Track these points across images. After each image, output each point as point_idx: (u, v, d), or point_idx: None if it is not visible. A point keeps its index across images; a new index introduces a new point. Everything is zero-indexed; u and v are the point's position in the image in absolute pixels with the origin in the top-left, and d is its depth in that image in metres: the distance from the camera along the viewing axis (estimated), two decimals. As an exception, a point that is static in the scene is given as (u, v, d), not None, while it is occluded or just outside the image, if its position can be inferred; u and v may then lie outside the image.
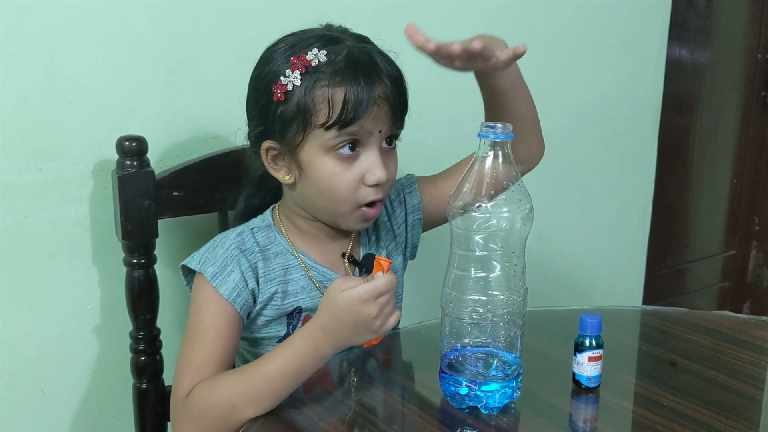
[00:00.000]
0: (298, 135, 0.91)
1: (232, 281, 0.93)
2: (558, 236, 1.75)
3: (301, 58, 0.89)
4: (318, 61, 0.89)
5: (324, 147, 0.91)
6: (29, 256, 1.08)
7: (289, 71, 0.90)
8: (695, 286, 2.42)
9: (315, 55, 0.89)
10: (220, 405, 0.85)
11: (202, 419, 0.87)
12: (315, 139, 0.91)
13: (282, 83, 0.90)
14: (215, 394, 0.86)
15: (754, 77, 2.34)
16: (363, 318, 0.84)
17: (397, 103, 0.92)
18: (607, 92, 1.77)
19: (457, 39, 1.48)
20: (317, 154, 0.91)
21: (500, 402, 0.83)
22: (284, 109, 0.90)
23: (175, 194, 1.09)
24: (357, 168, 0.92)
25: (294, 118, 0.90)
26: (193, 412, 0.87)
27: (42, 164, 1.07)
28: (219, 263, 0.93)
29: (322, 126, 0.89)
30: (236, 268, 0.94)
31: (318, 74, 0.89)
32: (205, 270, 0.93)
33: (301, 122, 0.90)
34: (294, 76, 0.89)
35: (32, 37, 1.03)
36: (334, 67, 0.89)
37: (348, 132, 0.89)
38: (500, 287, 0.82)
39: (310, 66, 0.89)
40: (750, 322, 1.13)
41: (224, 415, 0.85)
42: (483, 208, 0.80)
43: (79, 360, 1.15)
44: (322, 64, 0.89)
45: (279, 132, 0.92)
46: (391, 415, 0.87)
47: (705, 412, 0.85)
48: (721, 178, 2.40)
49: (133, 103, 1.12)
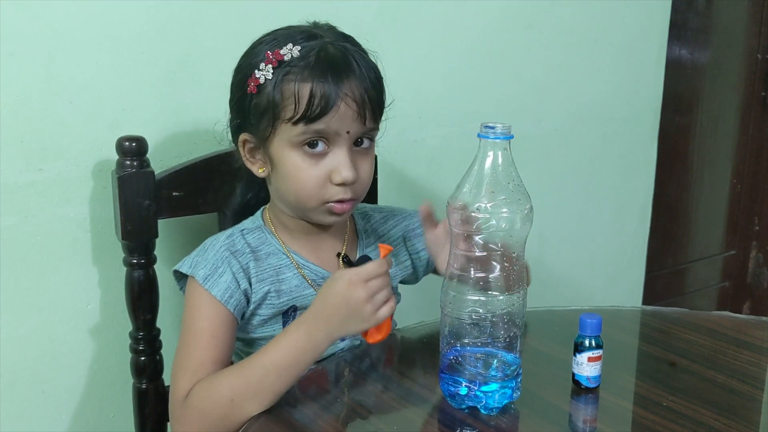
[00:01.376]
0: (268, 128, 0.92)
1: (223, 283, 0.93)
2: (558, 236, 1.75)
3: (275, 53, 0.90)
4: (291, 56, 0.90)
5: (291, 142, 0.91)
6: (29, 256, 1.08)
7: (263, 64, 0.91)
8: (695, 287, 2.42)
9: (289, 50, 0.90)
10: (219, 402, 0.85)
11: (202, 419, 0.86)
12: (283, 134, 0.91)
13: (255, 76, 0.91)
14: (213, 392, 0.86)
15: (754, 77, 2.34)
16: (353, 302, 0.84)
17: (368, 103, 0.91)
18: (607, 92, 1.77)
19: (457, 39, 1.48)
20: (285, 148, 0.92)
21: (500, 402, 0.83)
22: (257, 101, 0.92)
23: (175, 194, 1.09)
24: (324, 165, 0.92)
25: (265, 112, 0.91)
26: (193, 413, 0.87)
27: (42, 164, 1.07)
28: (210, 266, 0.94)
29: (289, 120, 0.90)
30: (227, 270, 0.94)
31: (288, 68, 0.90)
32: (196, 273, 0.93)
33: (270, 116, 0.91)
34: (267, 69, 0.90)
35: (32, 36, 1.03)
36: (305, 63, 0.89)
37: (314, 129, 0.90)
38: (500, 288, 0.82)
39: (282, 60, 0.90)
40: (750, 322, 1.13)
41: (224, 412, 0.85)
42: (483, 208, 0.80)
43: (79, 360, 1.15)
44: (294, 58, 0.90)
45: (253, 124, 0.93)
46: (390, 415, 0.87)
47: (704, 413, 0.85)
48: (721, 178, 2.40)
49: (133, 103, 1.12)
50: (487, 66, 1.53)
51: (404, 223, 1.10)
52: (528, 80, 1.62)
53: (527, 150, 1.63)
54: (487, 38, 1.52)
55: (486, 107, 1.54)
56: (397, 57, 1.39)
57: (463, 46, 1.49)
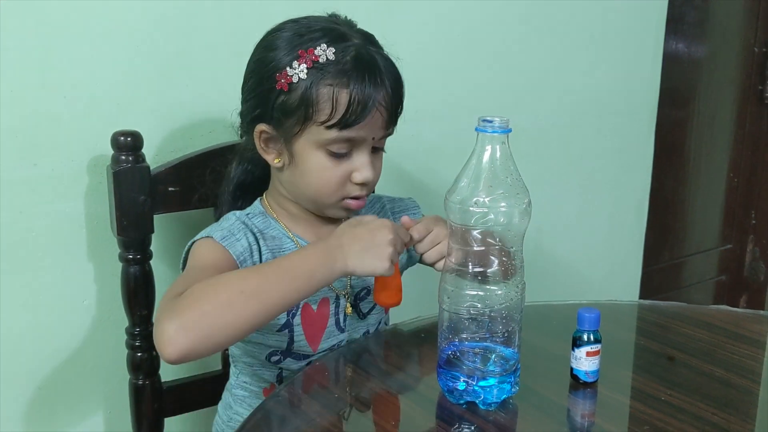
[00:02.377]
0: (296, 127, 0.92)
1: (240, 246, 0.93)
2: (555, 231, 1.75)
3: (309, 52, 0.90)
4: (326, 57, 0.89)
5: (319, 143, 0.92)
6: (24, 252, 1.07)
7: (296, 63, 0.90)
8: (692, 280, 2.43)
9: (323, 51, 0.90)
10: (227, 289, 0.80)
11: (200, 303, 0.78)
12: (312, 135, 0.91)
13: (287, 73, 0.90)
14: (222, 280, 0.82)
15: (751, 71, 2.34)
16: (379, 239, 0.86)
17: (395, 109, 0.94)
18: (604, 86, 1.76)
19: (454, 34, 1.48)
20: (311, 148, 0.92)
21: (498, 397, 0.83)
22: (286, 99, 0.91)
23: (170, 190, 1.08)
24: (346, 166, 0.94)
25: (295, 111, 0.91)
26: (191, 297, 0.79)
27: (36, 159, 1.06)
28: (227, 231, 0.94)
29: (322, 124, 0.90)
30: (244, 237, 0.95)
31: (325, 71, 0.89)
32: (212, 234, 0.93)
33: (302, 115, 0.91)
34: (300, 69, 0.90)
35: (27, 31, 1.02)
36: (342, 67, 0.89)
37: (346, 137, 0.91)
38: (498, 283, 0.82)
39: (317, 62, 0.89)
40: (747, 316, 1.13)
41: (228, 301, 0.79)
42: (481, 202, 0.79)
43: (75, 356, 1.14)
44: (330, 61, 0.89)
45: (277, 119, 0.93)
46: (388, 410, 0.87)
47: (702, 407, 0.85)
48: (718, 171, 2.40)
49: (128, 97, 1.11)
50: (485, 60, 1.53)
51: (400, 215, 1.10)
52: (525, 74, 1.61)
53: (525, 144, 1.63)
54: (484, 33, 1.52)
55: (483, 102, 1.54)
56: (393, 51, 1.38)
57: (460, 40, 1.48)
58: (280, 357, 1.00)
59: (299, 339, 0.99)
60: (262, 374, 1.02)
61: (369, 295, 1.03)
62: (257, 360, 1.01)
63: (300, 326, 0.98)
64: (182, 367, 1.23)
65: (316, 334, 1.00)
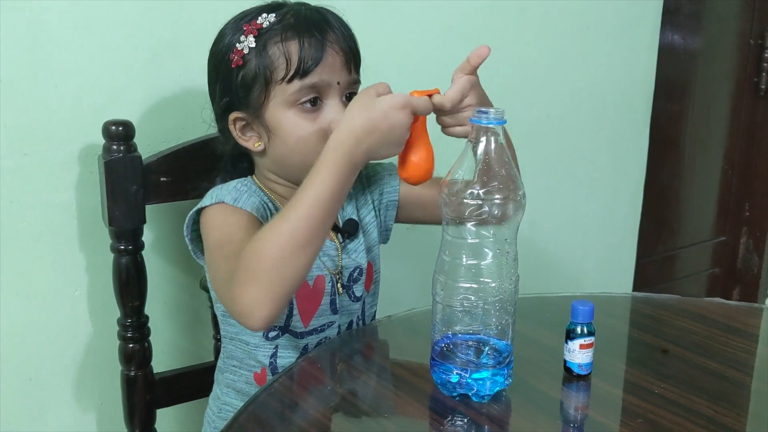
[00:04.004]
0: (261, 95, 0.93)
1: (253, 203, 0.94)
2: (550, 223, 1.75)
3: (252, 24, 0.93)
4: (268, 22, 0.93)
5: (287, 102, 0.93)
6: (14, 242, 1.06)
7: (243, 37, 0.93)
8: (685, 272, 2.43)
9: (265, 18, 0.93)
10: (269, 252, 0.80)
11: (253, 277, 0.81)
12: (278, 96, 0.93)
13: (238, 49, 0.93)
14: (260, 245, 0.81)
15: (747, 63, 2.34)
16: (397, 124, 0.83)
17: (350, 51, 0.95)
18: (600, 78, 1.76)
19: (448, 25, 1.47)
20: (282, 111, 0.93)
21: (491, 390, 0.83)
22: (244, 73, 0.93)
23: (162, 179, 1.08)
24: (322, 119, 0.94)
25: (255, 79, 0.93)
26: (244, 275, 0.81)
27: (27, 149, 1.05)
28: (236, 193, 0.94)
29: (282, 80, 0.92)
30: (253, 195, 0.95)
31: (270, 32, 0.92)
32: (224, 199, 0.93)
33: (262, 81, 0.93)
34: (248, 40, 0.93)
35: (16, 20, 1.01)
36: (284, 23, 0.92)
37: (309, 84, 0.92)
38: (492, 275, 0.82)
39: (261, 28, 0.93)
40: (741, 309, 1.13)
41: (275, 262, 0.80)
42: (475, 194, 0.79)
43: (66, 347, 1.14)
44: (272, 23, 0.93)
45: (243, 98, 0.94)
46: (381, 403, 0.87)
47: (696, 399, 0.85)
48: (713, 164, 2.40)
49: (120, 86, 1.10)
50: (479, 51, 1.52)
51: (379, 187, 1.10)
52: (520, 66, 1.60)
53: (519, 136, 1.62)
54: (479, 24, 1.51)
55: (478, 92, 1.53)
56: (387, 43, 1.38)
57: (455, 31, 1.48)
58: (278, 332, 0.99)
59: (296, 313, 0.98)
60: (255, 355, 1.01)
61: (362, 276, 1.03)
62: (252, 338, 1.00)
63: (295, 299, 0.98)
64: (174, 358, 1.23)
65: (310, 310, 0.99)
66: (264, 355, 1.01)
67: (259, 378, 1.02)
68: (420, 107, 0.85)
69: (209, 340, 1.22)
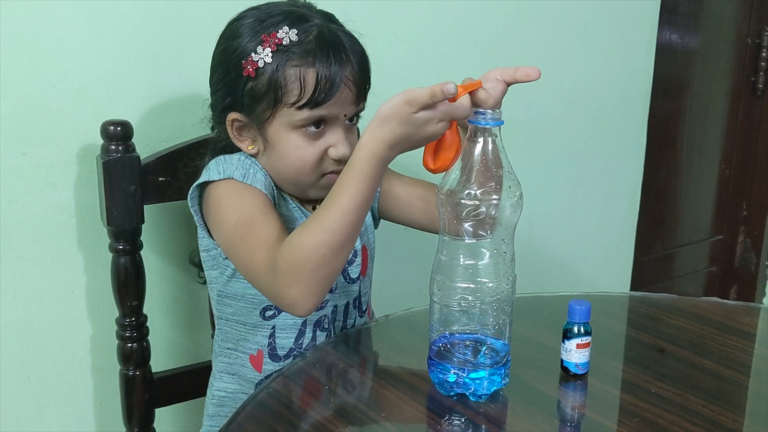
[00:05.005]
0: (267, 111, 0.93)
1: (260, 180, 0.94)
2: (547, 222, 1.75)
3: (272, 36, 0.91)
4: (289, 39, 0.91)
5: (292, 124, 0.93)
6: (13, 243, 1.06)
7: (260, 48, 0.91)
8: (683, 271, 2.43)
9: (286, 33, 0.91)
10: (310, 258, 0.83)
11: (297, 278, 0.84)
12: (284, 117, 0.93)
13: (253, 59, 0.92)
14: (301, 250, 0.84)
15: (744, 62, 2.34)
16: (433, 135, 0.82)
17: (363, 85, 0.95)
18: (598, 77, 1.76)
19: (447, 24, 1.47)
20: (285, 130, 0.94)
21: (488, 389, 0.83)
22: (254, 85, 0.92)
23: (161, 179, 1.08)
24: (322, 143, 0.95)
25: (264, 95, 0.92)
26: (288, 275, 0.85)
27: (25, 149, 1.05)
28: (242, 169, 0.95)
29: (292, 105, 0.91)
30: (259, 171, 0.96)
31: (289, 53, 0.91)
32: (232, 174, 0.93)
33: (271, 99, 0.92)
34: (265, 53, 0.91)
35: (15, 19, 1.01)
36: (306, 47, 0.91)
37: (317, 114, 0.92)
38: (489, 275, 0.82)
39: (281, 44, 0.91)
40: (738, 308, 1.14)
41: (316, 265, 0.84)
42: (472, 195, 0.79)
43: (65, 347, 1.14)
44: (293, 43, 0.91)
45: (247, 106, 0.94)
46: (379, 402, 0.87)
47: (693, 399, 0.85)
48: (710, 163, 2.40)
49: (118, 86, 1.10)
50: (477, 50, 1.52)
51: None
52: (518, 65, 1.60)
53: (517, 135, 1.63)
54: (477, 23, 1.51)
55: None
56: (386, 43, 1.38)
57: (453, 30, 1.48)
58: (274, 312, 0.99)
59: None
60: (253, 337, 1.01)
61: (356, 258, 1.03)
62: (249, 318, 1.00)
63: None
64: (173, 357, 1.23)
65: None
66: (263, 335, 1.01)
67: (255, 360, 1.02)
68: (459, 114, 0.81)
69: (208, 340, 1.22)
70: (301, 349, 1.00)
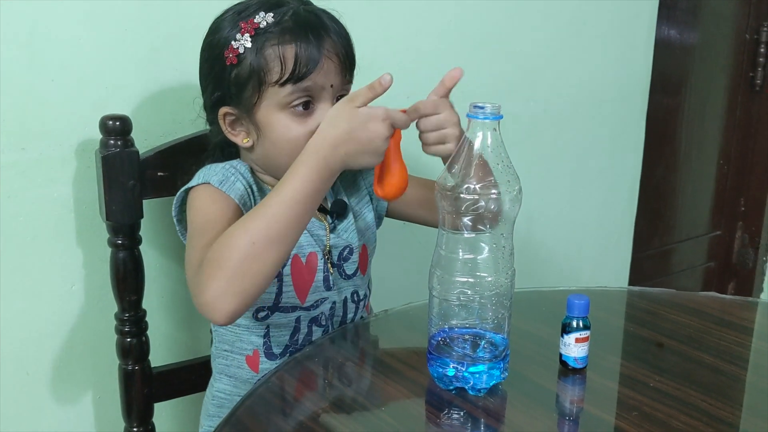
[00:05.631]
0: (254, 95, 0.93)
1: (238, 190, 0.94)
2: (546, 217, 1.75)
3: (249, 22, 0.93)
4: (266, 22, 0.92)
5: (279, 104, 0.93)
6: (12, 238, 1.06)
7: (239, 35, 0.93)
8: (681, 267, 2.44)
9: (262, 18, 0.92)
10: (239, 246, 0.81)
11: (220, 269, 0.81)
12: (270, 98, 0.93)
13: (233, 47, 0.93)
14: (231, 239, 0.82)
15: (743, 58, 2.34)
16: (376, 135, 0.85)
17: (346, 56, 0.95)
18: (596, 73, 1.76)
19: (445, 19, 1.47)
20: (273, 112, 0.94)
21: (487, 383, 0.84)
22: (238, 71, 0.93)
23: (160, 174, 1.08)
24: (312, 122, 0.94)
25: (248, 79, 0.93)
26: (211, 266, 0.81)
27: (24, 144, 1.05)
28: (222, 176, 0.94)
29: (276, 83, 0.92)
30: (239, 180, 0.95)
31: (267, 34, 0.92)
32: (210, 180, 0.93)
33: (255, 82, 0.93)
34: (244, 38, 0.92)
35: (13, 13, 1.01)
36: (282, 26, 0.92)
37: (302, 87, 0.92)
38: (488, 269, 0.82)
39: (258, 28, 0.92)
40: (736, 303, 1.14)
41: (245, 256, 0.81)
42: (471, 189, 0.79)
43: (64, 341, 1.14)
44: (270, 24, 0.92)
45: (235, 95, 0.94)
46: (378, 396, 0.87)
47: (691, 393, 0.85)
48: (708, 159, 2.40)
49: (117, 81, 1.10)
50: (476, 46, 1.52)
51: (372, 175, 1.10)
52: (517, 60, 1.61)
53: (516, 131, 1.63)
54: (475, 18, 1.51)
55: (474, 88, 1.52)
56: (383, 37, 1.37)
57: (451, 25, 1.48)
58: (267, 312, 0.99)
59: (288, 290, 0.99)
60: (248, 337, 1.01)
61: (352, 255, 1.03)
62: (242, 320, 1.00)
63: (290, 276, 0.98)
64: (172, 352, 1.23)
65: (305, 286, 1.00)
66: (257, 335, 1.01)
67: (251, 361, 1.02)
68: (399, 120, 0.87)
69: (206, 335, 1.22)
70: (297, 345, 1.01)
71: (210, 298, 0.81)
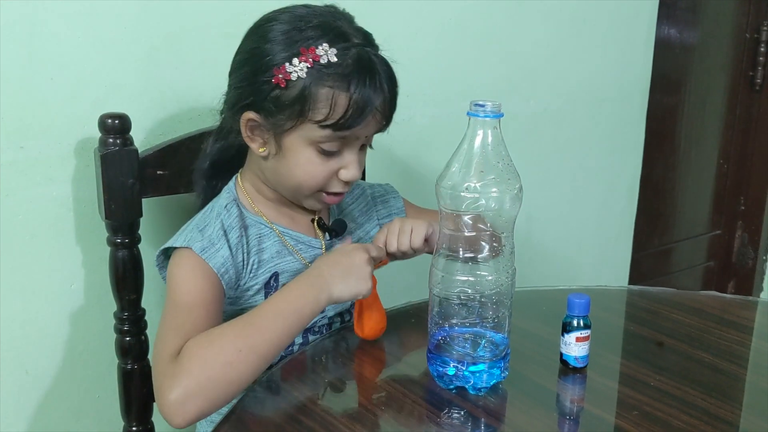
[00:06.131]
0: (289, 122, 0.91)
1: (221, 257, 0.92)
2: (546, 216, 1.75)
3: (310, 51, 0.88)
4: (328, 59, 0.88)
5: (311, 140, 0.92)
6: (10, 236, 1.06)
7: (296, 60, 0.89)
8: (681, 266, 2.44)
9: (325, 52, 0.88)
10: (225, 350, 0.82)
11: (202, 368, 0.81)
12: (305, 131, 0.91)
13: (286, 70, 0.89)
14: (218, 339, 0.83)
15: (742, 57, 2.34)
16: (357, 260, 0.90)
17: (390, 113, 0.95)
18: (596, 72, 1.76)
19: (445, 18, 1.47)
20: (302, 143, 0.92)
21: (488, 382, 0.83)
22: (282, 94, 0.90)
23: (159, 173, 1.07)
24: (335, 163, 0.94)
25: (290, 106, 0.90)
26: (192, 362, 0.81)
27: (23, 142, 1.05)
28: (207, 241, 0.93)
29: (317, 123, 0.90)
30: (224, 246, 0.93)
31: (326, 71, 0.88)
32: (193, 245, 0.92)
33: (296, 112, 0.90)
34: (300, 67, 0.89)
35: (12, 12, 1.00)
36: (343, 70, 0.89)
37: (340, 136, 0.91)
38: (489, 268, 0.82)
39: (318, 62, 0.88)
40: (736, 302, 1.14)
41: (228, 361, 0.81)
42: (472, 188, 0.79)
43: (63, 340, 1.14)
44: (331, 63, 0.88)
45: (268, 110, 0.91)
46: (378, 395, 0.87)
47: (691, 392, 0.85)
48: (708, 158, 2.40)
49: (116, 79, 1.10)
50: (476, 45, 1.52)
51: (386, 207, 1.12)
52: (517, 59, 1.60)
53: (516, 129, 1.63)
54: (476, 17, 1.51)
55: (475, 86, 1.53)
56: (384, 35, 1.37)
57: (452, 24, 1.47)
58: None
59: None
60: None
61: None
62: None
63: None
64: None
65: None
66: None
67: None
68: (374, 252, 0.93)
69: (206, 334, 1.22)
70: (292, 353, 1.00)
71: (180, 397, 0.79)
